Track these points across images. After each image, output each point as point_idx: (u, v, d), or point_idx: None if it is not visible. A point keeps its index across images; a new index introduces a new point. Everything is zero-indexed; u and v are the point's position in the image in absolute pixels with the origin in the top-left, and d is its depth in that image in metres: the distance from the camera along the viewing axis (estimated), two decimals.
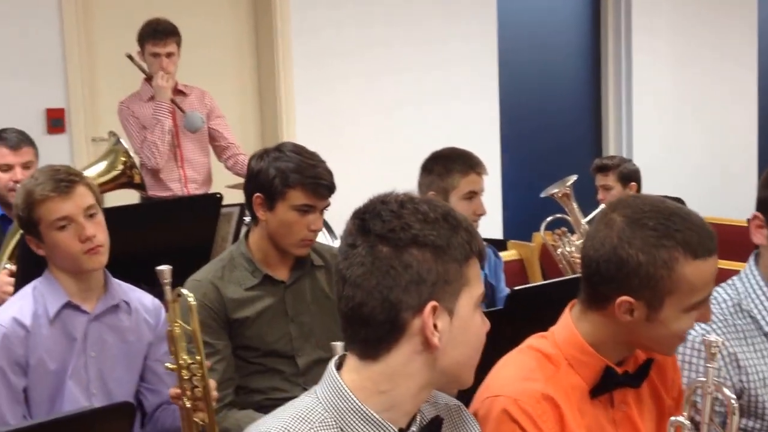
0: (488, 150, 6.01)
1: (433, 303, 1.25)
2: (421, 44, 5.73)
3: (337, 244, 3.70)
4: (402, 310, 1.25)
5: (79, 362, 2.24)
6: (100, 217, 2.26)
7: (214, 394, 2.16)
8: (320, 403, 1.29)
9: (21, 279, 2.51)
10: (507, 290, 3.06)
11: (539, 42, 6.56)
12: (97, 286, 2.29)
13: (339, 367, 1.33)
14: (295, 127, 5.30)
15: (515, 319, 2.01)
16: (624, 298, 1.52)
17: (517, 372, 1.57)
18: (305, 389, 2.40)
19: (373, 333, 1.26)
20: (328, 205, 2.47)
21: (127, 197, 4.02)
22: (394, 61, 5.65)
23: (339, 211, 2.55)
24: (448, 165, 2.95)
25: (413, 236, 1.25)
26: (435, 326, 1.25)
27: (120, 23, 4.70)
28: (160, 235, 2.84)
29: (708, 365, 1.52)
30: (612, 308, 1.54)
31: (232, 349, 2.42)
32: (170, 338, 2.13)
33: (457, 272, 1.27)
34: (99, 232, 2.23)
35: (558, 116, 6.69)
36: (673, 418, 1.53)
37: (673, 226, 1.51)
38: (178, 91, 4.30)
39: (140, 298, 2.39)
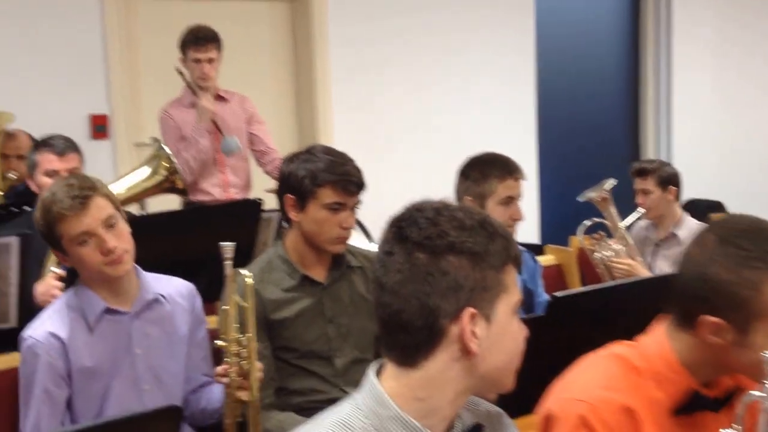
0: (525, 153, 6.00)
1: (471, 309, 1.25)
2: (458, 49, 5.75)
3: (374, 248, 3.74)
4: (440, 317, 1.25)
5: (126, 362, 2.28)
6: (121, 225, 2.25)
7: (260, 374, 2.22)
8: (360, 409, 1.30)
9: (70, 283, 2.56)
10: (545, 296, 3.06)
11: (577, 45, 6.52)
12: (130, 286, 2.32)
13: (378, 373, 1.34)
14: (332, 133, 5.34)
15: (556, 325, 2.01)
16: (709, 318, 1.50)
17: (600, 378, 1.55)
18: (343, 390, 2.49)
19: (411, 340, 1.27)
20: (359, 202, 2.51)
21: (169, 202, 4.09)
22: (432, 67, 5.67)
23: (377, 217, 2.58)
24: (485, 170, 2.94)
25: (450, 243, 1.26)
26: (473, 333, 1.26)
27: (161, 31, 4.79)
28: (201, 241, 2.87)
29: (765, 381, 1.48)
30: (699, 328, 1.52)
31: (272, 350, 2.47)
32: (223, 315, 2.18)
33: (494, 279, 1.28)
34: (120, 241, 2.22)
35: (596, 119, 6.65)
36: (722, 430, 1.48)
37: (765, 247, 1.47)
38: (219, 97, 4.37)
39: (174, 285, 2.43)
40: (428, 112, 5.67)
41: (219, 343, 2.21)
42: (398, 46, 5.55)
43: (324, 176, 2.42)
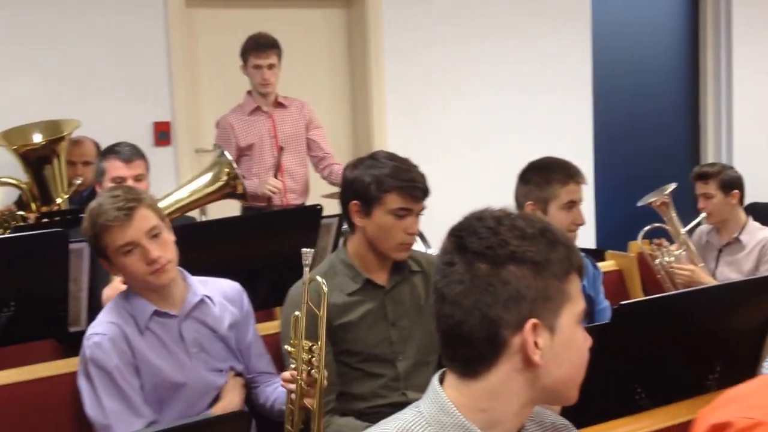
0: (581, 156, 5.92)
1: (533, 320, 1.23)
2: (513, 55, 5.74)
3: (431, 252, 3.75)
4: (501, 328, 1.23)
5: (183, 362, 2.33)
6: (165, 235, 2.28)
7: (325, 383, 2.23)
8: (424, 417, 1.29)
9: None
10: (606, 302, 3.03)
11: (635, 43, 6.44)
12: (177, 290, 2.36)
13: (441, 381, 1.33)
14: (386, 138, 5.37)
15: (621, 334, 2.00)
16: None
17: None
18: (404, 394, 2.50)
19: (473, 351, 1.26)
20: (424, 208, 2.51)
21: (228, 208, 4.16)
22: (487, 73, 5.67)
23: (432, 222, 2.60)
24: (547, 175, 2.92)
25: (511, 252, 1.24)
26: (536, 344, 1.23)
27: (221, 40, 4.88)
28: (261, 247, 2.92)
29: None
30: None
31: (335, 354, 2.49)
32: (295, 321, 2.21)
33: (557, 288, 1.26)
34: (164, 251, 2.26)
35: (654, 122, 6.56)
36: None
37: None
38: (278, 103, 4.43)
39: (220, 287, 2.46)
40: (482, 118, 5.67)
41: (288, 348, 2.23)
42: (453, 52, 5.56)
43: (390, 182, 2.43)
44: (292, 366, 2.22)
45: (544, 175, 2.93)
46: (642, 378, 2.14)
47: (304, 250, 2.21)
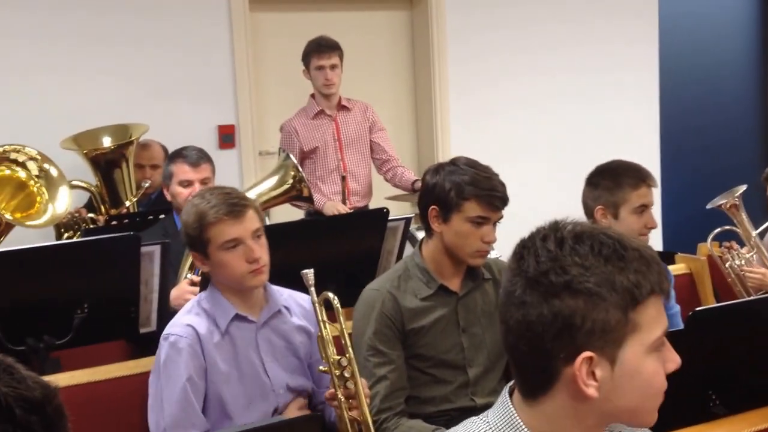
0: (647, 157, 5.84)
1: (586, 353, 1.16)
2: (577, 59, 5.68)
3: (494, 255, 3.72)
4: (552, 359, 1.18)
5: (257, 368, 2.35)
6: (263, 239, 2.35)
7: (366, 391, 2.24)
8: (491, 428, 1.27)
9: (203, 288, 2.65)
10: (677, 307, 2.98)
11: (703, 43, 6.32)
12: (259, 297, 2.39)
13: (512, 393, 1.30)
14: (449, 140, 5.35)
15: (696, 340, 1.96)
16: None
17: None
18: (473, 400, 2.49)
19: (527, 377, 1.23)
20: (501, 217, 2.50)
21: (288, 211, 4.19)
22: (550, 76, 5.62)
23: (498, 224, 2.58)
24: (617, 178, 2.86)
25: (566, 282, 1.16)
26: (593, 375, 1.17)
27: (284, 44, 4.93)
28: (329, 250, 2.93)
29: None
30: None
31: (406, 358, 2.49)
32: (319, 339, 2.24)
33: (619, 319, 1.17)
34: (263, 253, 2.32)
35: (723, 122, 6.42)
36: None
37: None
38: (341, 106, 4.45)
39: (297, 300, 2.50)
40: (547, 123, 5.62)
41: (322, 368, 2.26)
42: (517, 54, 5.52)
43: (470, 190, 2.43)
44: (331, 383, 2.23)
45: (615, 179, 2.86)
46: (717, 385, 2.10)
47: (304, 272, 2.23)
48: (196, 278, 3.03)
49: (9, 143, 3.15)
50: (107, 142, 4.02)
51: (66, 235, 3.86)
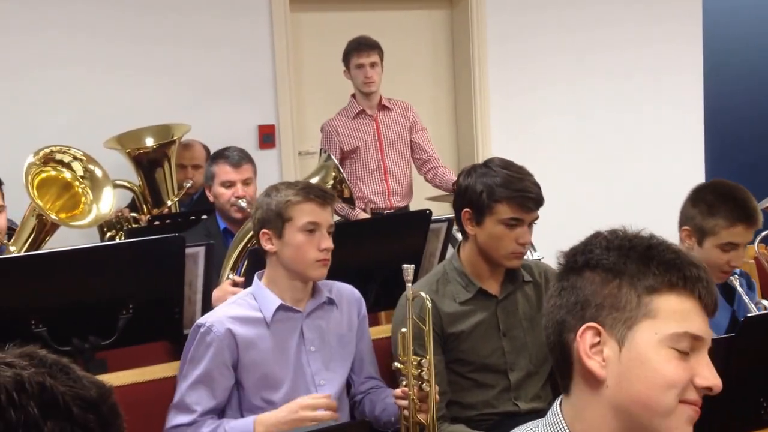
0: (691, 160, 5.79)
1: (591, 324, 1.20)
2: (619, 62, 5.63)
3: (536, 257, 3.69)
4: (565, 331, 1.23)
5: (301, 358, 2.37)
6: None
7: (437, 397, 2.24)
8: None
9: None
10: None
11: (748, 44, 6.22)
12: (307, 288, 2.42)
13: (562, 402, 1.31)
14: (490, 139, 5.32)
15: (748, 346, 1.92)
16: None
17: None
18: (516, 405, 2.46)
19: (554, 359, 1.27)
20: (537, 218, 2.47)
21: None
22: (592, 79, 5.58)
23: (535, 229, 2.54)
24: (716, 207, 2.54)
25: (587, 260, 1.23)
26: (600, 353, 1.19)
27: (324, 44, 4.93)
28: (370, 251, 2.93)
29: None
30: None
31: (446, 363, 2.47)
32: (401, 337, 2.23)
33: (632, 300, 1.19)
34: (332, 247, 2.38)
35: None
36: None
37: None
38: (382, 106, 4.44)
39: (342, 290, 2.52)
40: (588, 123, 5.57)
41: (397, 365, 2.25)
42: (558, 53, 5.48)
43: (501, 192, 2.40)
44: (404, 383, 2.23)
45: (712, 207, 2.55)
46: None
47: (405, 266, 2.22)
48: (239, 279, 3.04)
49: (55, 144, 3.18)
50: (150, 141, 4.04)
51: (109, 234, 3.90)
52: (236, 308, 2.36)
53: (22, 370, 1.00)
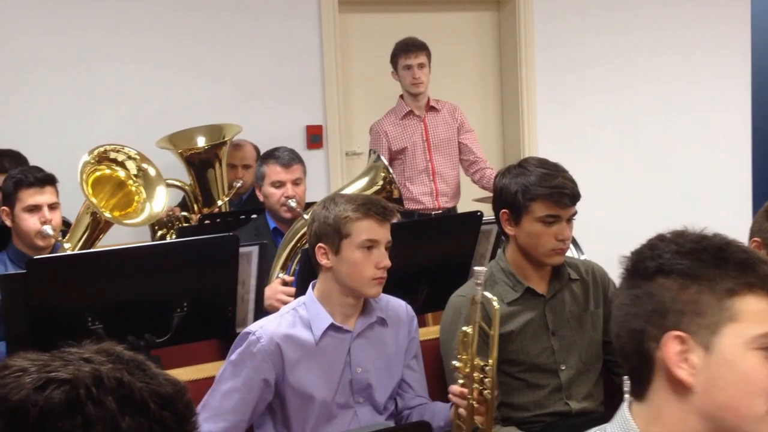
0: (738, 166, 5.71)
1: (675, 332, 1.17)
2: (667, 64, 5.57)
3: (583, 257, 3.66)
4: (645, 341, 1.20)
5: (344, 378, 2.33)
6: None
7: (496, 403, 2.22)
8: None
9: (301, 290, 2.67)
10: None
11: None
12: (358, 305, 2.36)
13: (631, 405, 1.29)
14: (537, 142, 5.30)
15: None
16: None
17: None
18: (567, 404, 2.45)
19: (630, 367, 1.24)
20: (575, 213, 2.46)
21: None
22: (639, 79, 5.52)
23: (584, 225, 2.53)
24: None
25: (659, 265, 1.20)
26: (686, 360, 1.17)
27: (371, 46, 4.97)
28: (421, 253, 2.92)
29: None
30: None
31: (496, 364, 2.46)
32: (463, 337, 2.19)
33: (714, 304, 1.17)
34: (389, 265, 2.30)
35: None
36: None
37: None
38: (430, 107, 4.44)
39: (395, 308, 2.46)
40: (635, 128, 5.53)
41: (457, 364, 2.21)
42: (605, 57, 5.44)
43: (536, 190, 2.40)
44: (460, 381, 2.20)
45: None
46: None
47: (476, 268, 2.17)
48: (288, 278, 3.06)
49: (109, 143, 3.22)
50: (201, 142, 4.09)
51: (160, 232, 3.95)
52: (287, 324, 2.30)
53: (100, 365, 1.01)
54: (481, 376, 2.18)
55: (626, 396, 1.32)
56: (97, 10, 4.43)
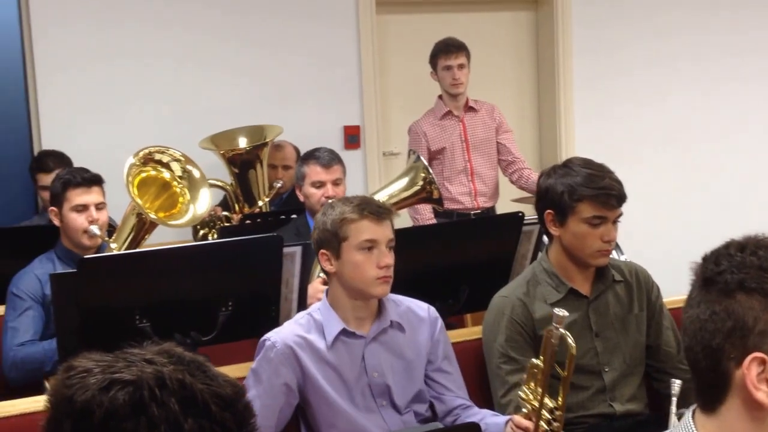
0: None
1: (757, 354, 1.13)
2: (705, 53, 5.51)
3: (624, 259, 3.64)
4: (723, 359, 1.16)
5: (362, 383, 2.32)
6: (392, 252, 2.32)
7: None
8: None
9: None
10: None
11: None
12: (372, 309, 2.35)
13: (694, 415, 1.26)
14: (574, 142, 5.28)
15: None
16: None
17: None
18: (611, 406, 2.44)
19: (702, 382, 1.20)
20: (620, 215, 2.45)
21: None
22: (678, 75, 5.49)
23: (624, 229, 2.51)
24: None
25: (740, 281, 1.16)
26: (765, 381, 1.14)
27: (409, 47, 4.98)
28: (462, 253, 2.93)
29: None
30: None
31: None
32: (534, 369, 2.15)
33: None
34: (392, 263, 2.30)
35: None
36: None
37: None
38: (468, 107, 4.45)
39: (414, 310, 2.43)
40: (676, 122, 5.48)
41: (522, 395, 2.17)
42: (645, 54, 5.40)
43: (582, 191, 2.40)
44: (524, 411, 2.17)
45: None
46: None
47: (556, 311, 2.08)
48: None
49: (154, 145, 3.27)
50: (243, 143, 4.13)
51: (202, 232, 3.99)
52: (301, 329, 2.31)
53: (162, 366, 1.02)
54: (549, 417, 2.13)
55: (674, 399, 1.32)
56: (141, 9, 4.49)
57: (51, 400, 1.04)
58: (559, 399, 2.15)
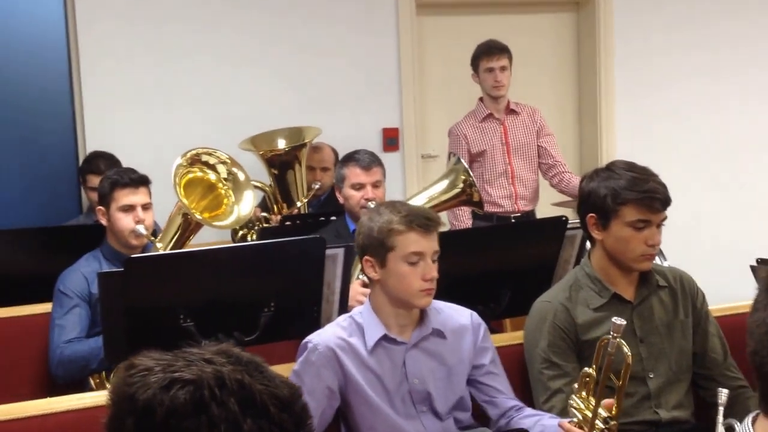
0: None
1: None
2: (753, 63, 5.45)
3: (666, 264, 3.60)
4: None
5: (402, 389, 2.32)
6: (437, 263, 2.31)
7: None
8: None
9: None
10: None
11: None
12: (414, 318, 2.35)
13: (754, 422, 1.25)
14: (615, 145, 5.23)
15: None
16: None
17: None
18: (656, 413, 2.42)
19: (765, 386, 1.18)
20: (665, 218, 2.43)
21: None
22: (720, 78, 5.42)
23: (665, 231, 2.48)
24: None
25: None
26: None
27: (448, 49, 4.98)
28: (505, 257, 2.92)
29: None
30: None
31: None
32: (586, 378, 2.13)
33: None
34: (437, 276, 2.29)
35: None
36: None
37: None
38: (510, 110, 4.44)
39: (456, 318, 2.42)
40: (718, 128, 5.42)
41: (573, 404, 2.15)
42: (688, 58, 5.35)
43: (626, 194, 2.37)
44: (575, 420, 2.15)
45: None
46: None
47: (615, 320, 2.05)
48: (365, 279, 3.09)
49: (202, 146, 3.30)
50: (282, 144, 4.15)
51: (241, 233, 4.01)
52: (344, 332, 2.31)
53: (221, 366, 1.03)
54: (604, 427, 2.10)
55: (720, 409, 1.30)
56: (187, 9, 4.53)
57: (113, 398, 1.05)
58: (613, 409, 2.12)
